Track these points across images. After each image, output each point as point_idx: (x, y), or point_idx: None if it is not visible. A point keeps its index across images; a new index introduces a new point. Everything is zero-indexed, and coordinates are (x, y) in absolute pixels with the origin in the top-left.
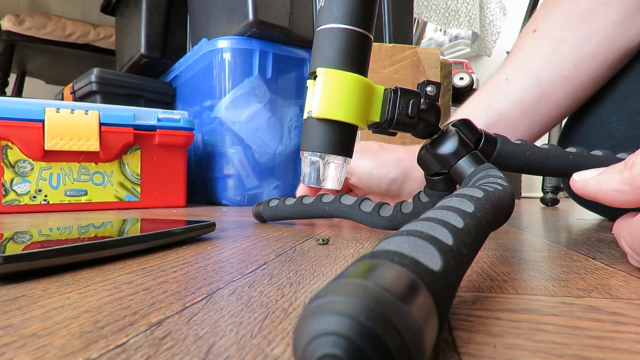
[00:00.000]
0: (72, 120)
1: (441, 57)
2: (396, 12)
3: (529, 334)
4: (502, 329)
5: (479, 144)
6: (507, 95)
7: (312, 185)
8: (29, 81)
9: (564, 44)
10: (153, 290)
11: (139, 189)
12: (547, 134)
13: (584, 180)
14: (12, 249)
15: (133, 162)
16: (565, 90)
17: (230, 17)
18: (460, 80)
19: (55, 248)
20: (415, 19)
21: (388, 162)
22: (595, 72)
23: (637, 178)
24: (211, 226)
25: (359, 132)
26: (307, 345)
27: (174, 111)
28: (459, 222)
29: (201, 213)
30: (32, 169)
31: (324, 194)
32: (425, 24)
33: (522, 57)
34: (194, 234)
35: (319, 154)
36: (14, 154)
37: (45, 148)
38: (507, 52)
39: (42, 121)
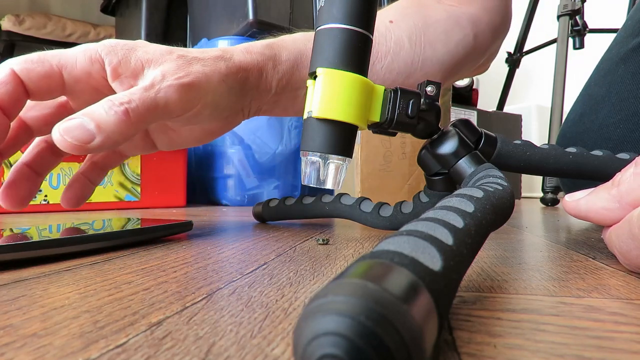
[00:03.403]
0: None
1: None
2: None
3: (529, 334)
4: (502, 329)
5: (479, 144)
6: None
7: (312, 185)
8: None
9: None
10: (153, 290)
11: (139, 189)
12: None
13: (575, 200)
14: None
15: (133, 162)
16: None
17: (231, 17)
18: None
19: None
20: None
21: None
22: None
23: (625, 194)
24: (187, 225)
25: (358, 132)
26: (307, 345)
27: None
28: (459, 222)
29: (201, 213)
30: None
31: (324, 194)
32: None
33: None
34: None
35: (319, 154)
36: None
37: None
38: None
39: None
